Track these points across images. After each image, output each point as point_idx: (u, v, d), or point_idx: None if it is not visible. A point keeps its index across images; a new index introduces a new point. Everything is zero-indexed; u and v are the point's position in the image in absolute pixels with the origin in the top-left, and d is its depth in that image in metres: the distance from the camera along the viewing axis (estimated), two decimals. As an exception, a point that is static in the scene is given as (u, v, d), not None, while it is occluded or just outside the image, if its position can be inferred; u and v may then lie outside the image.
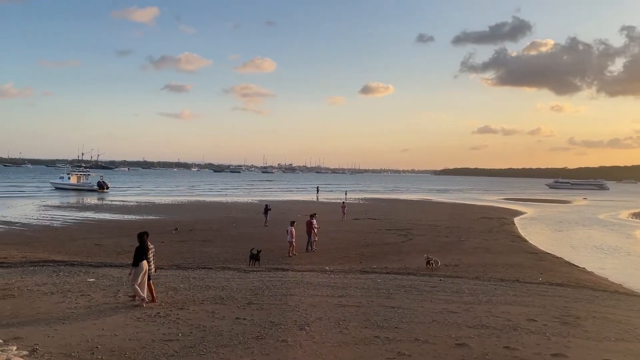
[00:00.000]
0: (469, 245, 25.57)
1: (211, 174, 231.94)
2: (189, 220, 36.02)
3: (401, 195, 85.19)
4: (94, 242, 24.84)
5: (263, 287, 13.15)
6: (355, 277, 15.36)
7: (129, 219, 37.48)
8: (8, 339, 8.13)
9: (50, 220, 35.67)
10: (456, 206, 60.68)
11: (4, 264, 16.44)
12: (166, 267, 16.94)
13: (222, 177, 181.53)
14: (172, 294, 12.06)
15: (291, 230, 21.30)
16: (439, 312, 10.88)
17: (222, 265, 17.98)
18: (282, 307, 10.98)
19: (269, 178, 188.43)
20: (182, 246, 23.83)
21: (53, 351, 7.72)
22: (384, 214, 43.63)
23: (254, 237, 27.29)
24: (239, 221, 35.78)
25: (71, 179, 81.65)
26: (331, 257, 21.10)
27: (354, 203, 59.71)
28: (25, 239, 25.87)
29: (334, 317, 10.25)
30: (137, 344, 8.20)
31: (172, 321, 9.61)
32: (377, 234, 29.23)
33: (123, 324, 9.36)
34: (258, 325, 9.45)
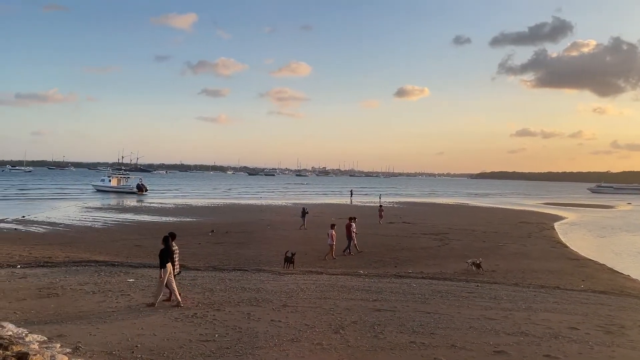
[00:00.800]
0: (507, 251, 25.00)
1: (246, 177, 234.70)
2: (225, 222, 36.49)
3: (436, 199, 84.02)
4: (134, 243, 25.46)
5: (297, 289, 13.19)
6: (390, 282, 15.23)
7: (167, 220, 38.26)
8: (52, 337, 8.41)
9: (92, 221, 36.78)
10: (493, 210, 59.42)
11: (48, 263, 17.04)
12: (203, 268, 17.21)
13: (256, 180, 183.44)
14: (209, 295, 12.24)
15: (332, 233, 21.31)
16: (476, 319, 10.67)
17: (256, 267, 18.14)
18: (316, 310, 11.00)
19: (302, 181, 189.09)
20: (218, 248, 24.16)
21: (95, 349, 7.94)
22: (419, 218, 43.15)
23: (288, 239, 27.40)
24: (273, 224, 36.03)
25: (112, 182, 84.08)
26: (366, 260, 21.00)
27: (389, 207, 59.27)
28: (68, 239, 26.76)
29: (369, 321, 10.19)
30: (175, 344, 8.36)
31: (209, 322, 9.75)
32: (412, 238, 28.93)
33: (161, 323, 9.56)
34: (293, 328, 9.49)
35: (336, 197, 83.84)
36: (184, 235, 28.54)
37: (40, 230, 30.93)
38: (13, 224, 33.43)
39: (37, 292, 12.06)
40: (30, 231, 30.17)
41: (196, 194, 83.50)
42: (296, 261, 18.57)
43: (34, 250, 21.44)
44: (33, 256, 19.12)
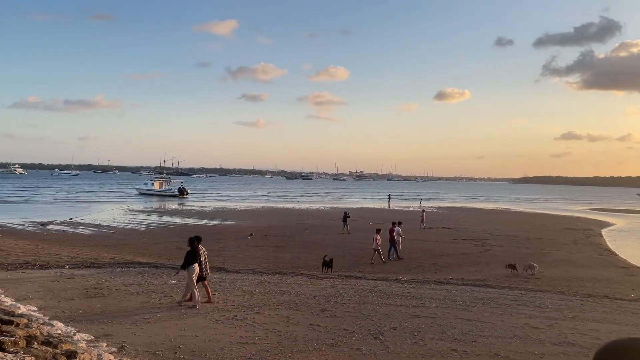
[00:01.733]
0: (551, 258, 24.24)
1: (284, 181, 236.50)
2: (263, 225, 36.84)
3: (477, 204, 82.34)
4: (176, 245, 25.98)
5: (336, 294, 13.16)
6: (429, 288, 15.01)
7: (207, 223, 38.96)
8: (99, 336, 8.68)
9: (135, 223, 37.84)
10: (537, 216, 57.77)
11: (94, 264, 17.60)
12: (242, 271, 17.40)
13: (294, 184, 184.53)
14: (249, 297, 12.36)
15: (377, 238, 21.21)
16: (520, 327, 10.37)
17: (295, 271, 18.21)
18: (355, 315, 10.94)
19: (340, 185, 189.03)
20: (257, 251, 24.40)
21: (139, 349, 8.14)
22: (459, 223, 42.40)
23: (326, 243, 27.43)
24: (311, 228, 36.14)
25: (154, 185, 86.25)
26: (405, 266, 20.77)
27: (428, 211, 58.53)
28: (113, 241, 27.61)
29: (409, 327, 10.06)
30: (216, 346, 8.47)
31: (249, 324, 9.85)
32: (452, 243, 28.45)
33: (203, 325, 9.71)
34: (332, 333, 9.47)
35: (374, 201, 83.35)
36: (224, 239, 29.06)
37: (86, 232, 32.04)
38: (61, 226, 34.76)
39: (85, 292, 12.46)
40: (77, 233, 31.29)
41: (235, 198, 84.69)
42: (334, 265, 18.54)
43: (81, 251, 22.21)
44: (80, 257, 19.80)
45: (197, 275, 11.50)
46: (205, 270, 11.97)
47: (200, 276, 11.73)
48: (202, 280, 11.83)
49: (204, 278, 11.88)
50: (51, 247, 23.44)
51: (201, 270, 11.73)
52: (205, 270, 11.97)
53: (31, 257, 19.15)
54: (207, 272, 12.09)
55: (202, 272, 11.76)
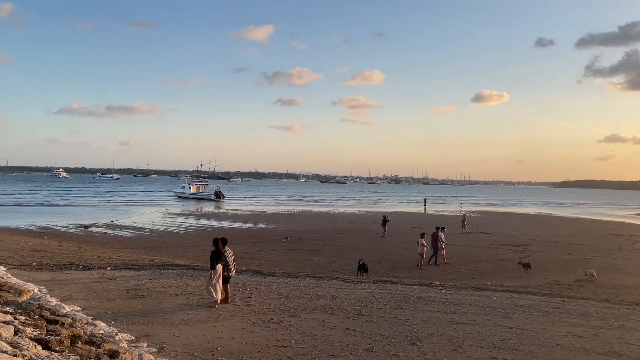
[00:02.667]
0: (595, 264, 23.36)
1: (318, 185, 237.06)
2: (298, 229, 36.99)
3: (516, 209, 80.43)
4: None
5: (372, 299, 13.06)
6: (468, 294, 14.72)
7: (243, 227, 39.40)
8: (139, 336, 8.86)
9: (173, 226, 38.61)
10: (579, 221, 55.98)
11: (135, 266, 18.03)
12: (278, 274, 17.49)
13: (328, 188, 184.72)
14: (284, 301, 12.39)
15: (421, 242, 20.99)
16: (563, 336, 10.04)
17: (330, 275, 18.19)
18: (392, 320, 10.82)
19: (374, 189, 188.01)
20: (292, 255, 24.50)
21: (178, 350, 8.26)
22: (497, 228, 41.49)
23: (361, 248, 27.31)
24: (345, 232, 36.06)
25: (191, 189, 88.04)
26: (442, 271, 20.45)
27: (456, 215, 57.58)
28: (152, 243, 28.23)
29: (447, 334, 9.88)
30: (253, 348, 8.52)
31: (285, 328, 9.87)
32: (490, 249, 27.85)
33: (240, 327, 9.79)
34: (368, 338, 9.39)
35: (410, 205, 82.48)
36: (260, 242, 29.32)
37: (126, 234, 32.88)
38: (103, 228, 35.80)
39: (125, 293, 12.77)
40: (118, 235, 32.15)
41: (270, 201, 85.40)
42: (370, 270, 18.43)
43: (121, 253, 22.80)
44: (121, 259, 20.33)
45: (219, 275, 11.70)
46: (230, 271, 12.20)
47: (227, 277, 11.99)
48: (226, 282, 12.05)
49: (228, 279, 12.10)
50: (93, 248, 24.16)
51: (227, 270, 11.98)
52: (230, 271, 12.20)
53: (75, 258, 19.79)
54: (232, 273, 12.30)
55: (227, 273, 12.01)
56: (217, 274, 11.67)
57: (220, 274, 11.73)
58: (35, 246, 23.29)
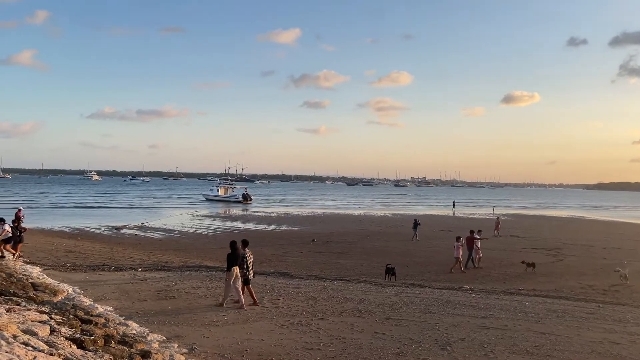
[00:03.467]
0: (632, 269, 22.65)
1: (344, 187, 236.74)
2: (325, 232, 36.99)
3: (549, 212, 78.69)
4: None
5: (400, 302, 12.94)
6: (498, 298, 14.45)
7: (270, 229, 39.61)
8: (170, 337, 8.98)
9: (202, 228, 39.09)
10: (614, 225, 54.41)
11: (165, 267, 18.32)
12: (305, 277, 17.50)
13: (355, 190, 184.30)
14: (312, 303, 12.39)
15: (458, 246, 20.72)
16: (598, 342, 9.76)
17: (358, 277, 18.11)
18: (421, 324, 10.70)
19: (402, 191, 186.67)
20: (319, 257, 24.50)
21: (208, 351, 8.34)
22: (529, 231, 40.66)
23: (388, 251, 27.13)
24: (373, 234, 35.88)
25: (219, 191, 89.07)
26: (471, 275, 20.13)
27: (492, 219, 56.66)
28: (182, 245, 28.63)
29: (478, 339, 9.71)
30: (282, 350, 8.54)
31: (313, 330, 9.86)
32: (521, 252, 27.27)
33: (268, 329, 9.83)
34: (397, 341, 9.30)
35: (438, 208, 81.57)
36: (287, 244, 29.43)
37: (157, 236, 33.44)
38: (134, 230, 36.51)
39: (156, 294, 12.97)
40: (148, 237, 32.73)
41: (297, 204, 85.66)
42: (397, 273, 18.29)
43: (152, 254, 23.19)
44: (151, 260, 20.68)
45: (235, 277, 11.77)
46: (250, 273, 12.27)
47: (247, 279, 12.08)
48: (247, 284, 12.15)
49: (248, 281, 12.18)
50: (125, 250, 24.64)
51: (246, 273, 12.08)
52: (250, 273, 12.27)
53: (107, 259, 20.22)
54: (251, 275, 12.37)
55: (247, 276, 12.10)
56: (232, 276, 11.74)
57: (235, 275, 11.80)
58: (69, 247, 23.89)
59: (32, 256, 19.26)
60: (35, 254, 20.04)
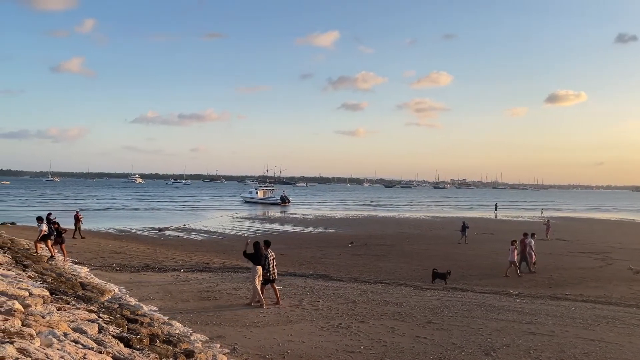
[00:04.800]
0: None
1: (382, 189, 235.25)
2: (363, 234, 36.82)
3: (597, 214, 75.87)
4: (280, 252, 26.55)
5: (442, 306, 12.73)
6: (544, 303, 14.01)
7: (308, 231, 39.75)
8: (212, 337, 9.12)
9: (241, 230, 39.61)
10: (666, 228, 51.94)
11: (206, 268, 18.65)
12: (344, 279, 17.46)
13: (393, 193, 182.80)
14: (352, 306, 12.34)
15: (512, 249, 20.24)
16: (653, 351, 9.31)
17: (397, 281, 17.93)
18: (463, 329, 10.49)
19: (441, 194, 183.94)
20: (357, 260, 24.40)
21: (250, 351, 8.42)
22: (576, 235, 39.29)
23: (428, 254, 26.76)
24: (412, 237, 35.47)
25: (258, 194, 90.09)
26: (515, 279, 19.59)
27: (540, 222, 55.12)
28: (222, 247, 29.07)
29: (524, 344, 9.44)
30: (323, 353, 8.53)
31: (354, 333, 9.81)
32: (568, 256, 26.41)
33: (309, 331, 9.84)
34: (439, 346, 9.14)
35: (479, 210, 79.88)
36: (325, 246, 29.44)
37: (198, 237, 34.10)
38: (176, 232, 37.36)
39: (198, 294, 13.22)
40: (190, 238, 33.41)
41: (335, 206, 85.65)
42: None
43: (194, 256, 23.64)
44: (193, 261, 21.09)
45: (260, 276, 12.14)
46: (273, 273, 12.53)
47: (267, 279, 12.39)
48: (271, 282, 12.50)
49: (272, 281, 12.51)
50: (167, 251, 25.23)
51: (269, 272, 12.36)
52: (273, 273, 12.53)
53: (151, 260, 20.75)
54: (274, 275, 12.62)
55: (269, 275, 12.38)
56: (257, 274, 12.07)
57: (259, 274, 12.14)
58: (115, 248, 24.65)
59: (80, 257, 19.97)
60: (83, 255, 20.77)
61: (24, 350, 5.31)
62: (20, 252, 17.39)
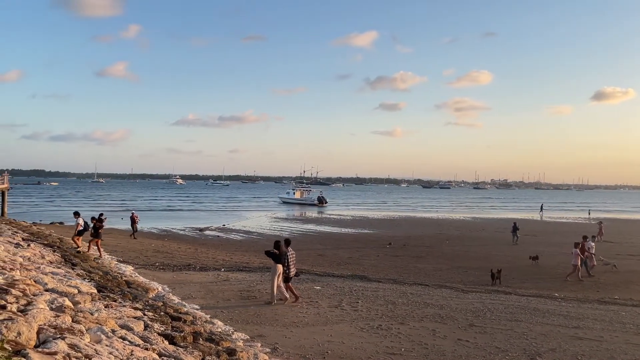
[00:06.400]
0: None
1: (420, 190, 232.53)
2: (401, 235, 36.49)
3: None
4: (317, 252, 26.86)
5: (484, 309, 12.47)
6: (592, 308, 13.53)
7: (346, 232, 39.69)
8: (253, 336, 9.21)
9: (279, 230, 39.91)
10: None
11: (246, 268, 18.88)
12: (383, 280, 17.34)
13: (432, 193, 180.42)
14: (392, 307, 12.25)
15: (576, 253, 19.66)
16: None
17: (438, 282, 17.68)
18: (507, 332, 10.24)
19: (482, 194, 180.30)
20: (396, 261, 24.18)
21: (290, 351, 8.46)
22: (624, 237, 37.78)
23: (469, 256, 26.28)
24: (452, 238, 34.89)
25: (296, 194, 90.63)
26: (560, 282, 19.01)
27: (585, 223, 53.31)
28: (261, 246, 29.23)
29: (570, 350, 9.14)
30: (363, 354, 8.49)
31: (394, 335, 9.73)
32: (616, 259, 25.33)
33: (348, 332, 9.81)
34: (482, 350, 8.96)
35: (522, 211, 77.78)
36: (363, 247, 29.32)
37: (237, 237, 34.57)
38: (216, 232, 37.99)
39: (239, 294, 13.39)
40: (229, 238, 33.91)
41: (372, 207, 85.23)
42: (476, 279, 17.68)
43: (234, 255, 23.98)
44: (233, 261, 21.39)
45: (280, 275, 12.35)
46: (291, 272, 12.73)
47: (287, 277, 12.58)
48: (288, 281, 12.69)
49: (290, 279, 12.73)
50: (208, 250, 25.68)
51: (288, 270, 12.56)
52: (291, 272, 12.73)
53: (192, 259, 21.16)
54: (292, 274, 12.81)
55: (288, 273, 12.59)
56: (277, 272, 12.28)
57: (280, 273, 12.35)
58: (158, 248, 25.27)
59: (124, 255, 20.57)
60: (128, 254, 21.38)
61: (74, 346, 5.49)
62: (68, 251, 18.04)
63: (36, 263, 11.99)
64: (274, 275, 12.34)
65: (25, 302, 6.77)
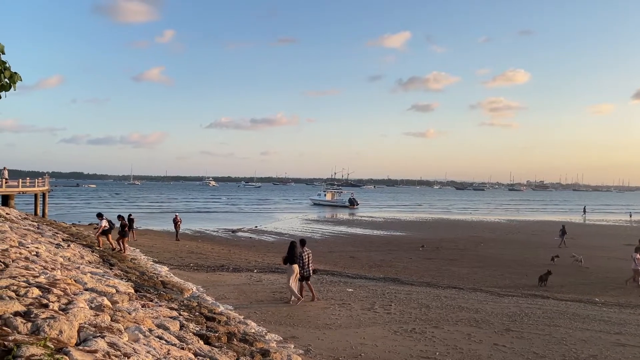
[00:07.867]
0: None
1: (453, 192, 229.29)
2: (434, 238, 36.06)
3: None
4: (349, 254, 26.78)
5: (521, 313, 12.19)
6: (634, 313, 13.06)
7: (378, 234, 39.46)
8: (286, 337, 9.23)
9: (311, 232, 39.99)
10: None
11: (278, 269, 18.96)
12: (417, 283, 17.17)
13: (465, 195, 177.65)
14: (425, 311, 12.10)
15: (637, 257, 19.06)
16: None
17: (472, 286, 17.39)
18: (545, 337, 9.97)
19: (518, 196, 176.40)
20: (429, 264, 23.89)
21: (323, 353, 8.45)
22: (666, 240, 36.38)
23: (504, 259, 25.75)
24: (486, 241, 34.27)
25: (327, 196, 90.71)
26: (601, 287, 18.41)
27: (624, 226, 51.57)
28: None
29: (612, 356, 8.85)
30: (396, 357, 8.41)
31: (428, 338, 9.60)
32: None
33: (382, 335, 9.73)
34: (520, 355, 8.75)
35: (561, 214, 75.75)
36: (395, 250, 29.09)
37: (269, 239, 34.80)
38: (248, 233, 38.34)
39: (272, 295, 13.47)
40: (261, 239, 34.17)
41: (404, 209, 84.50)
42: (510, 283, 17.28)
43: (265, 257, 24.15)
44: (265, 262, 21.54)
45: (296, 275, 12.65)
46: (307, 271, 13.06)
47: (302, 276, 12.91)
48: (306, 280, 13.04)
49: (306, 278, 13.05)
50: (241, 252, 25.94)
51: (303, 270, 12.90)
52: (307, 271, 13.06)
53: (225, 260, 21.40)
54: (309, 273, 13.14)
55: (304, 273, 12.93)
56: (293, 273, 12.55)
57: (296, 273, 12.63)
58: (192, 249, 25.66)
59: (159, 256, 20.96)
60: (162, 255, 21.79)
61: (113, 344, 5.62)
62: (106, 252, 18.51)
63: (76, 263, 12.34)
64: (290, 275, 12.62)
65: (66, 301, 6.96)
